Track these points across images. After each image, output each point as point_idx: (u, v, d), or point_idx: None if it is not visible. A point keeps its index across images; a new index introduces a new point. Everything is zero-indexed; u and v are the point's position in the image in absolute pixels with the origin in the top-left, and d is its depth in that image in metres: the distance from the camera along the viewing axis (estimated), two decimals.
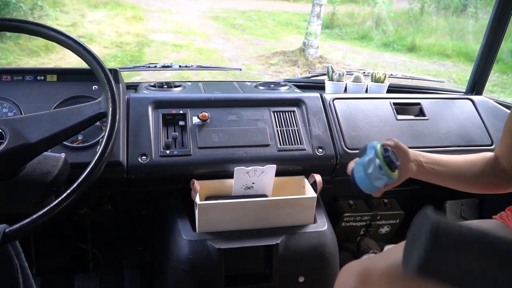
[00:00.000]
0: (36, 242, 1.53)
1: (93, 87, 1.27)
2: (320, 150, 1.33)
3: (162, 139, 1.25)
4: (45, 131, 0.87)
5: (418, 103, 1.52)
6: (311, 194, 1.25)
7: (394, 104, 1.50)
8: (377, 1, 8.09)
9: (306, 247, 1.20)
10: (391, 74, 1.73)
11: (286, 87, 1.63)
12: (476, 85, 1.67)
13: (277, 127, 1.35)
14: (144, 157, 1.22)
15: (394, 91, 1.67)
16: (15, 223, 0.75)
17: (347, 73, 1.66)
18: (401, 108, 1.49)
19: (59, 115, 0.89)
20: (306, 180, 1.31)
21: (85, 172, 0.83)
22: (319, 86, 1.73)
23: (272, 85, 1.64)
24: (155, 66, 1.68)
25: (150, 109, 1.30)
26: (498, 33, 1.55)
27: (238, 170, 1.21)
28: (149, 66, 1.69)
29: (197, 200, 1.16)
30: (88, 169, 0.83)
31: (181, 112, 1.32)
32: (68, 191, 0.80)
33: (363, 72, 1.70)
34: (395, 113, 1.47)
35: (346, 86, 1.63)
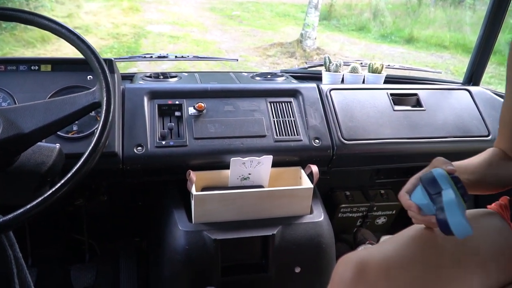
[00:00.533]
0: (31, 233, 1.53)
1: (88, 77, 1.26)
2: (317, 140, 1.32)
3: (157, 130, 1.25)
4: (39, 121, 0.86)
5: (415, 94, 1.51)
6: (307, 185, 1.25)
7: (391, 95, 1.49)
8: None
9: (302, 238, 1.20)
10: (388, 65, 1.73)
11: (283, 78, 1.62)
12: (473, 75, 1.67)
13: (273, 117, 1.34)
14: (140, 147, 1.21)
15: (391, 82, 1.66)
16: (9, 213, 0.74)
17: (344, 64, 1.66)
18: (398, 99, 1.49)
19: (53, 105, 0.88)
20: (302, 171, 1.30)
21: (79, 162, 0.82)
22: (316, 77, 1.72)
23: (269, 76, 1.63)
24: (151, 57, 1.66)
25: (146, 99, 1.29)
26: (495, 25, 1.55)
27: (235, 161, 1.20)
28: (145, 57, 1.68)
29: (193, 190, 1.16)
30: (82, 159, 0.83)
31: (177, 102, 1.31)
32: (62, 181, 0.79)
33: (360, 63, 1.69)
34: (392, 103, 1.47)
35: (343, 77, 1.63)
